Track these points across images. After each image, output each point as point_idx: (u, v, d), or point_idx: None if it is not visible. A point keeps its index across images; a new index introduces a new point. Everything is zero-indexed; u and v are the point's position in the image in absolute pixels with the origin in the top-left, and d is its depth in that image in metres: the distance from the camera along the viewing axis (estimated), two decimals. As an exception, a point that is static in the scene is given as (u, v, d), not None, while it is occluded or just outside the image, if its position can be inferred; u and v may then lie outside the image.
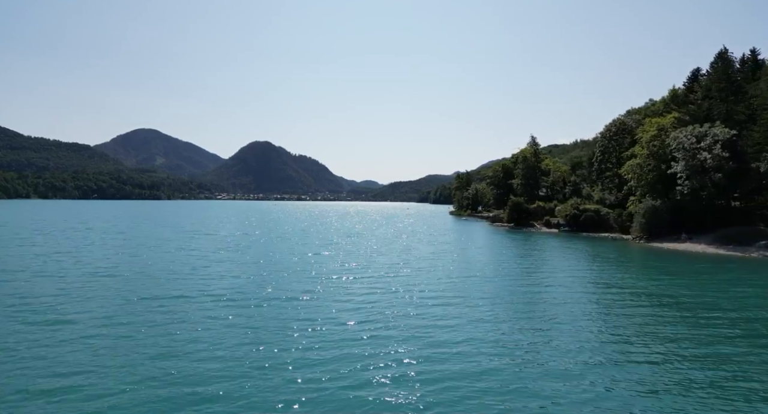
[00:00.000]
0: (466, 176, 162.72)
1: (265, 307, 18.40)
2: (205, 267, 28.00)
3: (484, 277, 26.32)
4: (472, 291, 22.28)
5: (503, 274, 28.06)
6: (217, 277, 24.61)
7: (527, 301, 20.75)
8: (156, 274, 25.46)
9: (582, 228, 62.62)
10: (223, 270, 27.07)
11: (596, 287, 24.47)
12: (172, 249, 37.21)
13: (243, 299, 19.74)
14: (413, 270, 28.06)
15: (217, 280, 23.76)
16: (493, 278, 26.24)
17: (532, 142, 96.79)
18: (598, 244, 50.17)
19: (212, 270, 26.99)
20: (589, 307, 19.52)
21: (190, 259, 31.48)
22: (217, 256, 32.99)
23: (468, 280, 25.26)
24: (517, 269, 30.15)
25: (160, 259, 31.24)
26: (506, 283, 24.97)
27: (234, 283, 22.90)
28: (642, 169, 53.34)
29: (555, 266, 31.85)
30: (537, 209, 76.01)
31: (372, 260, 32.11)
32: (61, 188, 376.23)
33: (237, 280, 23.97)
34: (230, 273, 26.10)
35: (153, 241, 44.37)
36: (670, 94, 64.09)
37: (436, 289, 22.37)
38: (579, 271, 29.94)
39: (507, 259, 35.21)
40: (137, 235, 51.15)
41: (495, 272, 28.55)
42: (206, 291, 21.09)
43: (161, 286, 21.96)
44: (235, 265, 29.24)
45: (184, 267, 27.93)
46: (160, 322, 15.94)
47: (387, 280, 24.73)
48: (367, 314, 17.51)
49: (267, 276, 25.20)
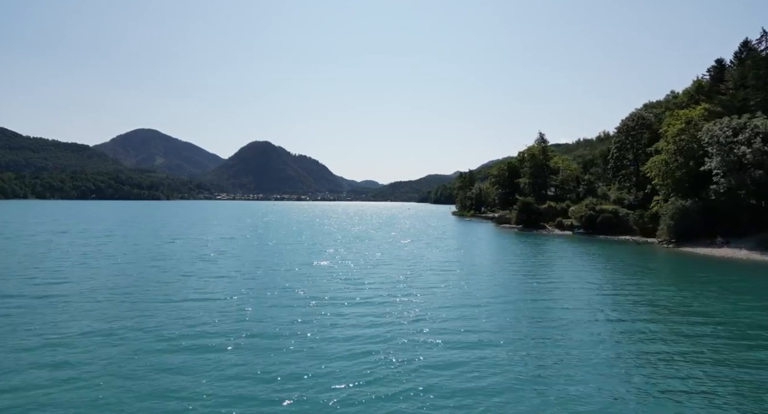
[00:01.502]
0: (469, 175, 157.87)
1: (230, 351, 13.44)
2: (161, 286, 22.51)
3: (505, 299, 21.36)
4: (492, 324, 17.36)
5: (526, 292, 23.12)
6: (167, 302, 19.58)
7: (561, 334, 15.82)
8: (87, 302, 20.52)
9: (598, 230, 57.65)
10: (185, 290, 21.88)
11: (634, 305, 19.71)
12: (138, 258, 32.28)
13: (184, 344, 14.84)
14: (418, 289, 22.86)
15: (165, 309, 18.57)
16: (516, 301, 21.28)
17: (540, 139, 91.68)
18: (621, 248, 45.21)
19: (172, 289, 21.95)
20: (630, 333, 14.82)
21: (152, 274, 26.54)
22: (187, 269, 28.02)
23: (486, 307, 20.21)
24: (541, 285, 25.20)
25: (114, 274, 26.32)
26: (531, 308, 20.02)
27: (188, 319, 16.97)
28: (668, 166, 48.39)
29: (584, 278, 26.90)
30: (547, 210, 71.00)
31: (370, 273, 27.11)
32: (59, 188, 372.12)
33: (192, 312, 17.83)
34: (189, 297, 20.19)
35: (124, 247, 39.50)
36: (694, 85, 59.12)
37: (448, 320, 17.38)
38: (611, 283, 25.01)
39: (528, 272, 30.24)
40: (109, 241, 46.22)
41: (517, 290, 23.60)
42: (144, 327, 15.84)
43: (88, 319, 17.08)
44: (203, 282, 24.02)
45: (134, 288, 22.87)
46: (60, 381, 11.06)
47: (388, 304, 19.73)
48: (361, 365, 12.56)
49: (237, 302, 19.78)
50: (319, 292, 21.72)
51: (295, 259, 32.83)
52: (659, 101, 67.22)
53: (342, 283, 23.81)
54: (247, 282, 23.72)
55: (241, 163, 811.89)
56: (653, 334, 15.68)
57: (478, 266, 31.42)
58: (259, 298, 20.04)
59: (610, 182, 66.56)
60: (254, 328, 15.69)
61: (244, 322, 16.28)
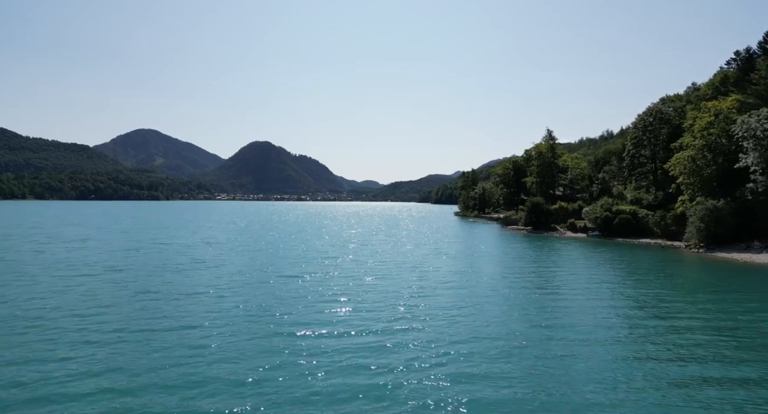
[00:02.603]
0: (472, 175, 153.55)
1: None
2: (100, 313, 17.15)
3: (530, 330, 17.15)
4: (518, 365, 13.17)
5: (552, 316, 18.91)
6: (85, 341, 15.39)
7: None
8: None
9: (615, 233, 53.39)
10: (124, 318, 17.42)
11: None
12: (93, 270, 28.07)
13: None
14: (427, 314, 18.27)
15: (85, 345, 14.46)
16: (542, 332, 17.05)
17: (548, 136, 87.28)
18: (644, 253, 40.94)
19: (110, 318, 17.38)
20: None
21: (102, 290, 22.39)
22: (144, 285, 23.72)
23: (506, 340, 16.04)
24: (568, 303, 20.95)
25: (51, 292, 22.15)
26: (563, 342, 15.77)
27: (113, 358, 12.73)
28: (695, 163, 44.15)
29: (615, 290, 22.65)
30: (558, 210, 66.76)
31: (368, 291, 22.71)
32: (58, 189, 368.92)
33: (117, 355, 13.34)
34: (132, 327, 15.59)
35: (92, 255, 35.35)
36: (718, 75, 54.84)
37: (467, 362, 13.19)
38: (645, 295, 20.77)
39: (550, 286, 26.00)
40: (79, 247, 42.12)
41: (542, 315, 19.38)
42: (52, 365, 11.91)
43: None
44: (152, 302, 19.75)
45: (67, 311, 18.71)
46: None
47: (388, 339, 15.39)
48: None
49: (194, 335, 15.63)
50: (303, 316, 17.53)
51: (281, 270, 28.57)
52: (678, 95, 62.88)
53: (334, 305, 19.60)
54: (216, 303, 19.40)
55: (242, 163, 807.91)
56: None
57: (493, 279, 27.17)
58: (224, 329, 15.82)
59: (626, 181, 62.28)
60: (209, 372, 11.50)
61: (197, 365, 12.09)
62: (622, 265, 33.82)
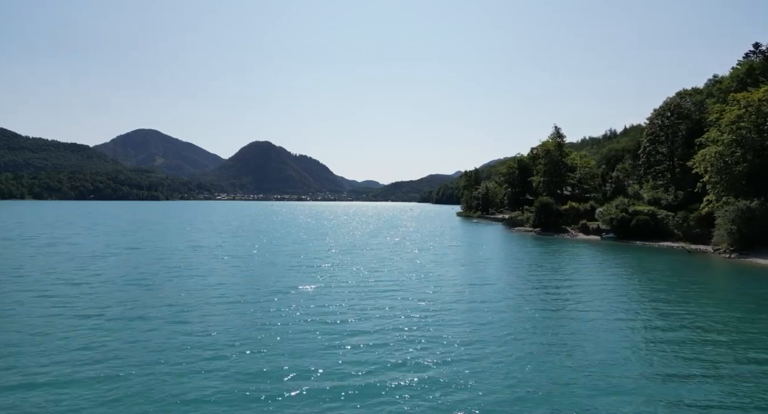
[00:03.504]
0: (474, 174, 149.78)
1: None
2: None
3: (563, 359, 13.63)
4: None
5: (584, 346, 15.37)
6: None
7: None
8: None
9: (632, 235, 49.77)
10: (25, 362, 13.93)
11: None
12: (33, 284, 24.57)
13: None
14: (436, 343, 14.63)
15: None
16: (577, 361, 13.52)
17: (555, 133, 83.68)
18: (668, 258, 37.33)
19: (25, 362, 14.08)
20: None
21: (29, 310, 18.87)
22: (99, 302, 20.25)
23: (535, 379, 12.53)
24: (607, 326, 17.43)
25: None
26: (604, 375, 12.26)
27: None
28: (723, 160, 40.53)
29: (650, 304, 19.12)
30: (569, 211, 63.12)
31: (368, 309, 19.09)
32: (57, 189, 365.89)
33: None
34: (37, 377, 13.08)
35: (44, 261, 31.87)
36: (743, 66, 51.17)
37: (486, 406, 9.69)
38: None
39: (573, 300, 22.47)
40: (40, 252, 38.62)
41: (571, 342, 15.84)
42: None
43: None
44: (112, 325, 16.41)
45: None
46: None
47: (393, 371, 11.92)
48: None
49: (155, 363, 12.31)
50: (291, 342, 14.01)
51: (269, 282, 24.88)
52: (695, 89, 59.12)
53: (325, 327, 16.09)
54: (171, 335, 15.64)
55: (242, 163, 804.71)
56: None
57: (509, 293, 23.61)
58: (192, 360, 12.31)
59: (642, 180, 58.65)
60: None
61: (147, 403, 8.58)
62: (649, 272, 30.20)
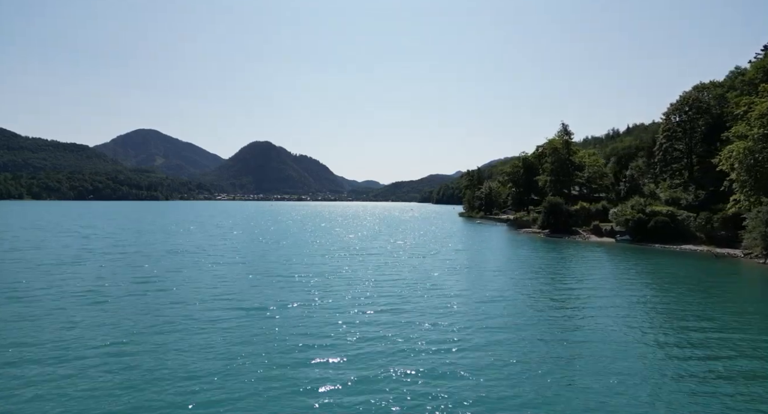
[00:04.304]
0: (477, 173, 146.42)
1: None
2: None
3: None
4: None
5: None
6: None
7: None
8: None
9: (649, 237, 46.54)
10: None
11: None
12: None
13: None
14: (449, 377, 11.81)
15: None
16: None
17: (563, 130, 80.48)
18: (695, 264, 34.10)
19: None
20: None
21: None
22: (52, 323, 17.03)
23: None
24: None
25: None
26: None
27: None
28: (753, 156, 37.31)
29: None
30: (579, 212, 59.86)
31: (367, 334, 15.81)
32: (56, 189, 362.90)
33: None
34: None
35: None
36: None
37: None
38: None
39: (609, 316, 19.26)
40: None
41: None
42: None
43: None
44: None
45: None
46: None
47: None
48: None
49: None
50: (267, 389, 10.81)
51: (252, 296, 21.46)
52: (713, 82, 55.85)
53: (315, 355, 12.88)
54: (119, 371, 12.53)
55: (242, 163, 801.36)
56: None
57: (530, 311, 20.41)
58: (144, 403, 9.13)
59: (657, 178, 55.40)
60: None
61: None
62: (679, 281, 26.93)
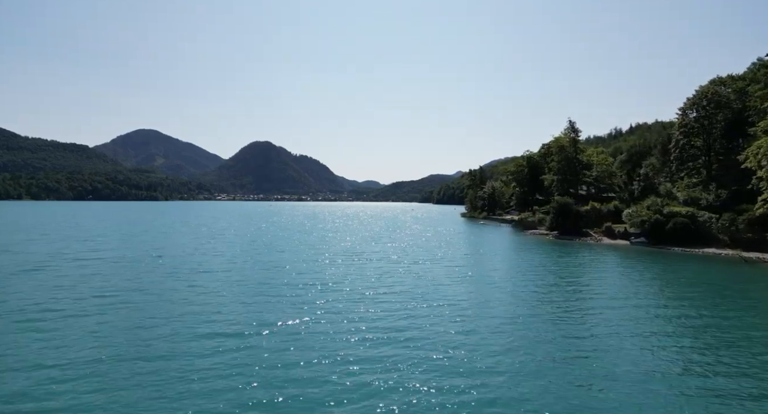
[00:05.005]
0: (479, 173, 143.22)
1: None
2: None
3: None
4: None
5: None
6: None
7: None
8: None
9: (667, 240, 43.48)
10: None
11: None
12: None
13: None
14: None
15: None
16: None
17: (570, 128, 77.34)
18: (725, 270, 31.05)
19: None
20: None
21: None
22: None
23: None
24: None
25: None
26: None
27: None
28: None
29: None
30: (590, 212, 56.80)
31: (366, 370, 12.91)
32: (55, 189, 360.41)
33: None
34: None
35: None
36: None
37: None
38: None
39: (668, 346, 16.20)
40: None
41: None
42: None
43: None
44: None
45: None
46: None
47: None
48: None
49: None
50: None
51: (230, 313, 18.55)
52: (731, 76, 52.75)
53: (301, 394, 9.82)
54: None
55: (242, 163, 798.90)
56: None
57: (556, 333, 17.39)
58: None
59: (673, 177, 52.31)
60: None
61: None
62: (718, 290, 23.87)
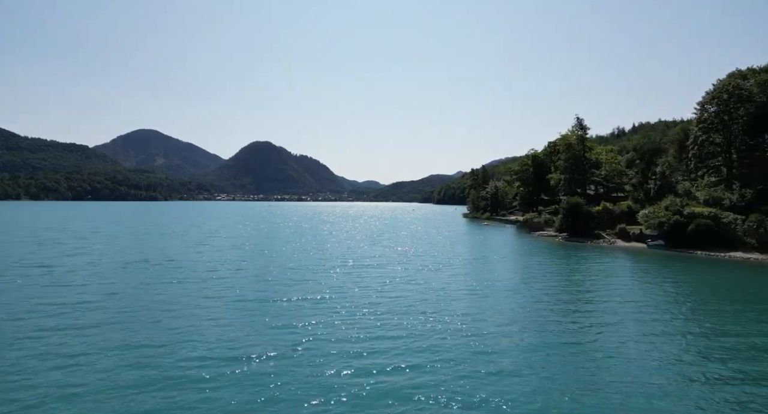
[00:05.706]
0: (482, 172, 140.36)
1: None
2: None
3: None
4: None
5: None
6: None
7: None
8: None
9: (687, 242, 40.69)
10: None
11: None
12: None
13: None
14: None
15: None
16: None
17: (577, 125, 74.59)
18: (761, 277, 28.27)
19: None
20: None
21: None
22: None
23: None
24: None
25: None
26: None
27: None
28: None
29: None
30: (602, 213, 53.98)
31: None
32: (54, 189, 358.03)
33: None
34: None
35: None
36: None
37: None
38: None
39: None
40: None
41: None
42: None
43: None
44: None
45: None
46: None
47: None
48: None
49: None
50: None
51: (210, 334, 15.84)
52: (752, 69, 49.95)
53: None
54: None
55: (242, 163, 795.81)
56: None
57: (589, 359, 14.61)
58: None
59: (692, 175, 49.51)
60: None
61: None
62: (752, 298, 21.07)
